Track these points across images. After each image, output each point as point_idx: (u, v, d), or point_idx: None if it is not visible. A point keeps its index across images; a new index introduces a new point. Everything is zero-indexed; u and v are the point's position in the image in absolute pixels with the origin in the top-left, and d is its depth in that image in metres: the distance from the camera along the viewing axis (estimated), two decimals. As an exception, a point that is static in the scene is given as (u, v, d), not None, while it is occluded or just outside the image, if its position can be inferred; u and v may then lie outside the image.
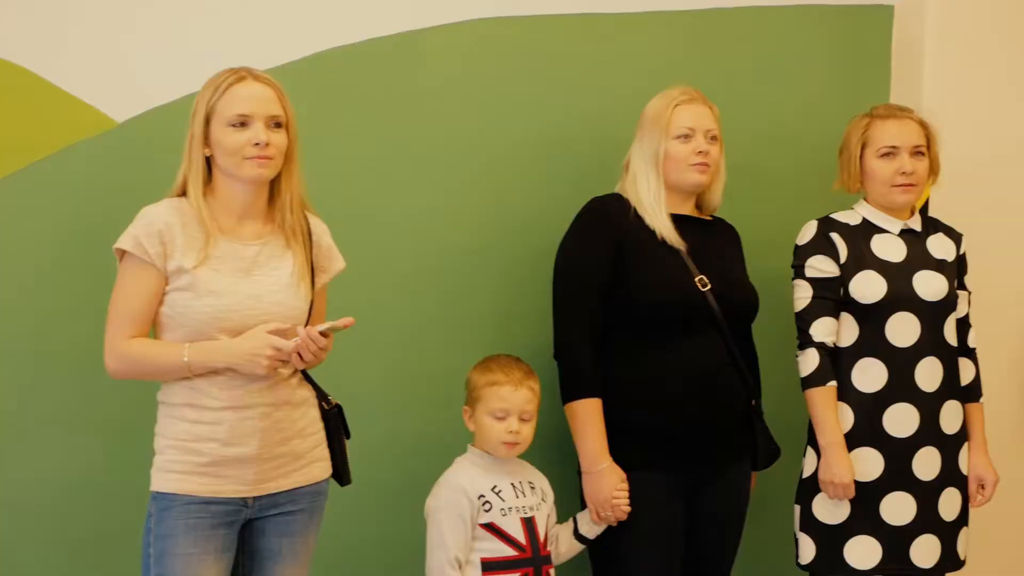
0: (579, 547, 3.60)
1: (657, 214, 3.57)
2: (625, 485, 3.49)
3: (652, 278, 3.53)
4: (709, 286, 3.57)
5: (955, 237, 3.82)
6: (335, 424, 3.19)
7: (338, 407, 3.20)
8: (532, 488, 3.53)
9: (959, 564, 3.76)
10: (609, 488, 3.48)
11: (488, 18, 3.77)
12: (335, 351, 3.09)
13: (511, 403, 3.45)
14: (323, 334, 2.97)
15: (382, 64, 3.66)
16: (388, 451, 3.70)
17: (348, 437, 3.23)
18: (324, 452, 3.17)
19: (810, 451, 3.74)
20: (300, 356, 2.98)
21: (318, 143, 3.55)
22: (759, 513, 3.90)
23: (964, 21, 4.23)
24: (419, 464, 3.68)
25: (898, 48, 4.26)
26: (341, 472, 3.22)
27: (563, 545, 3.59)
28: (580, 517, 3.59)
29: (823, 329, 3.66)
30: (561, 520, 3.62)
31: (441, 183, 3.74)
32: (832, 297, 3.67)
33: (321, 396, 3.18)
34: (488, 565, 3.42)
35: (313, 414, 3.15)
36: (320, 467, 3.16)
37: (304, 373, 3.14)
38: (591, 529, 3.57)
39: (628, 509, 3.50)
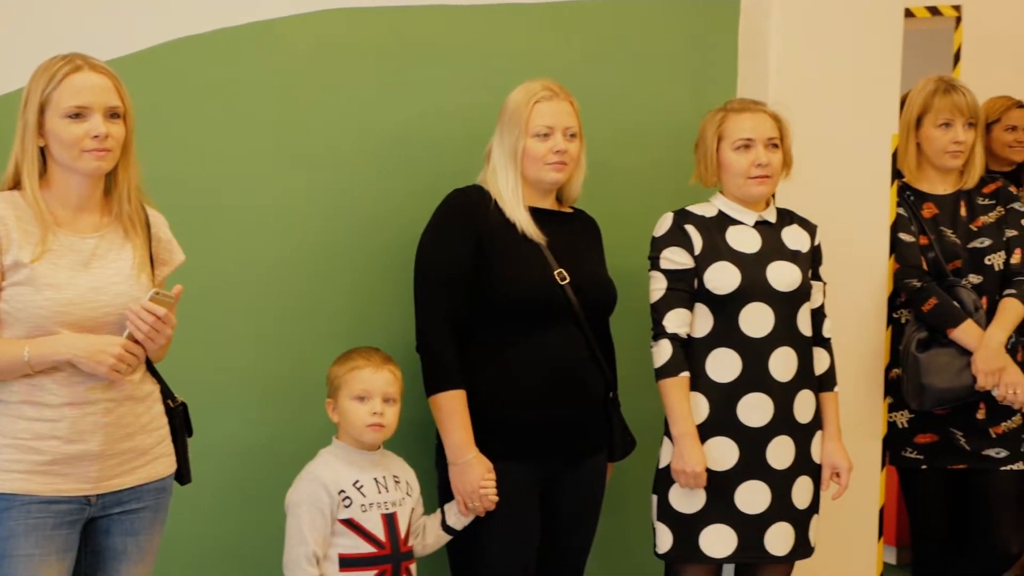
0: (446, 538, 3.60)
1: (516, 208, 3.58)
2: (492, 475, 3.51)
3: (511, 271, 3.55)
4: (568, 279, 3.58)
5: (810, 228, 3.88)
6: (179, 423, 3.14)
7: (183, 405, 3.16)
8: (397, 482, 3.51)
9: (810, 551, 3.83)
10: (476, 478, 3.49)
11: (342, 8, 3.74)
12: (191, 347, 3.05)
13: (373, 384, 3.44)
14: (155, 303, 2.90)
15: (233, 54, 3.61)
16: (245, 447, 3.66)
17: (191, 435, 3.19)
18: (169, 448, 3.13)
19: (666, 442, 3.78)
20: (142, 340, 2.92)
21: (168, 135, 3.50)
22: (616, 504, 3.93)
23: (808, 14, 4.29)
24: (277, 460, 3.64)
25: (744, 42, 4.31)
26: (182, 471, 3.17)
27: (430, 537, 3.59)
28: (448, 508, 3.59)
29: (676, 320, 3.70)
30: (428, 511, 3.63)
31: (297, 176, 3.70)
32: (686, 289, 3.72)
33: (167, 393, 3.13)
34: (346, 561, 3.41)
35: (158, 408, 3.10)
36: (165, 463, 3.12)
37: (150, 367, 3.09)
38: (458, 520, 3.57)
39: (496, 499, 3.51)
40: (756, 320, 3.70)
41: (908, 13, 4.77)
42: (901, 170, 4.47)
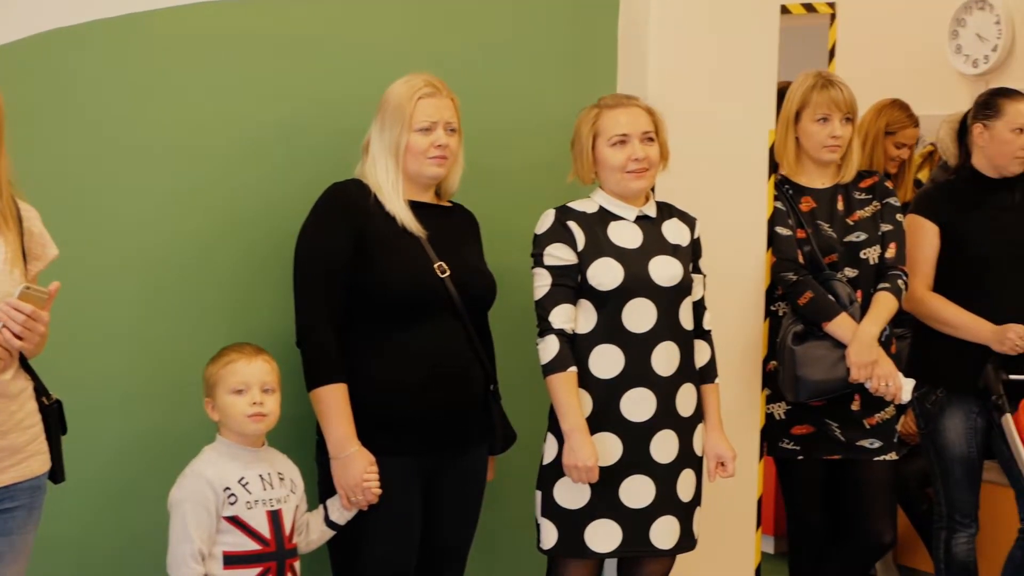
0: (330, 533, 3.58)
1: (396, 201, 3.58)
2: (375, 468, 3.50)
3: (392, 264, 3.54)
4: (448, 272, 3.58)
5: (689, 222, 3.91)
6: (53, 421, 3.08)
7: (58, 402, 3.10)
8: (281, 479, 3.48)
9: (694, 543, 3.86)
10: (359, 472, 3.48)
11: (220, 1, 3.69)
12: (67, 343, 2.99)
13: (249, 375, 3.41)
14: (25, 299, 2.83)
15: (107, 47, 3.54)
16: (125, 446, 3.59)
17: (64, 432, 3.13)
18: (43, 445, 3.07)
19: (550, 437, 3.79)
20: (17, 336, 2.86)
21: (41, 129, 3.42)
22: (497, 498, 3.94)
23: (687, 10, 4.33)
24: (159, 458, 3.58)
25: (624, 37, 4.33)
26: (56, 470, 3.11)
27: (314, 532, 3.57)
28: (330, 503, 3.56)
29: (562, 316, 3.71)
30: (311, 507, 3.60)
31: (174, 170, 3.64)
32: (570, 284, 3.72)
33: (40, 391, 3.07)
34: (230, 559, 3.37)
35: (31, 406, 3.03)
36: (39, 461, 3.05)
37: (24, 364, 3.02)
38: (341, 515, 3.55)
39: (379, 492, 3.50)
40: (639, 315, 3.72)
41: (784, 9, 4.84)
42: (779, 164, 4.53)
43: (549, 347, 3.69)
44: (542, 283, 3.74)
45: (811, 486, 4.53)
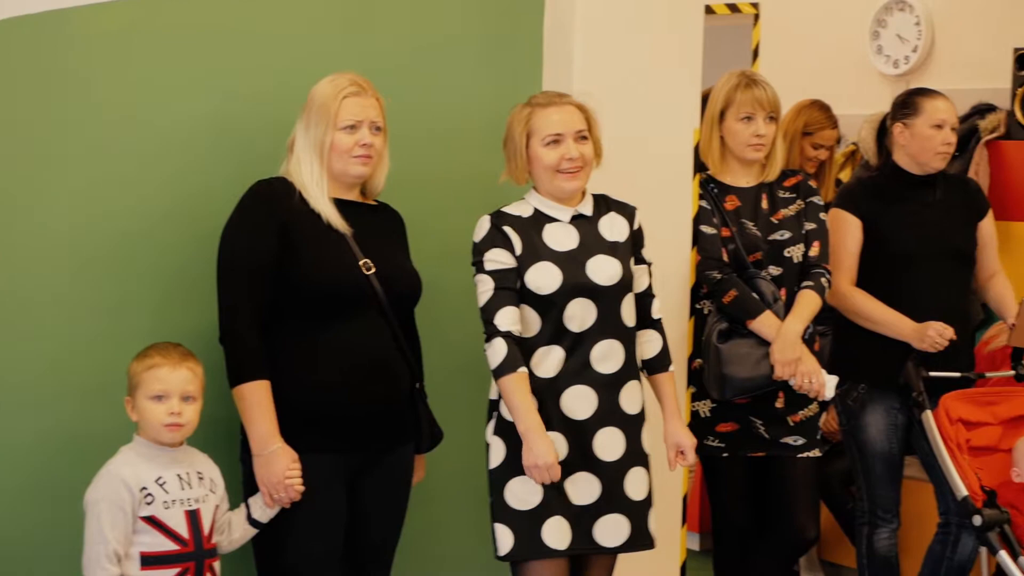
0: (253, 531, 3.56)
1: (321, 199, 3.57)
2: (297, 465, 3.48)
3: (317, 262, 3.53)
4: (373, 270, 3.57)
5: (628, 213, 3.89)
6: None
7: None
8: (200, 479, 3.46)
9: (650, 542, 3.84)
10: (281, 469, 3.46)
11: (139, -5, 3.66)
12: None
13: (170, 384, 3.37)
14: None
15: (26, 44, 3.49)
16: (41, 445, 3.54)
17: None
18: None
19: (496, 441, 3.77)
20: None
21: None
22: (424, 497, 3.93)
23: (611, 10, 4.34)
24: (76, 458, 3.53)
25: (549, 36, 4.33)
26: None
27: (236, 531, 3.54)
28: (252, 502, 3.54)
29: (508, 318, 3.68)
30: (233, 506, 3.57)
31: (98, 167, 3.60)
32: (512, 287, 3.71)
33: None
34: (148, 559, 3.34)
35: None
36: None
37: None
38: (264, 513, 3.53)
39: (302, 489, 3.48)
40: (579, 316, 3.71)
41: (708, 10, 4.87)
42: (705, 163, 4.56)
43: (497, 350, 3.67)
44: (485, 288, 3.72)
45: (736, 483, 4.56)
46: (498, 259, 3.71)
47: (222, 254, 3.54)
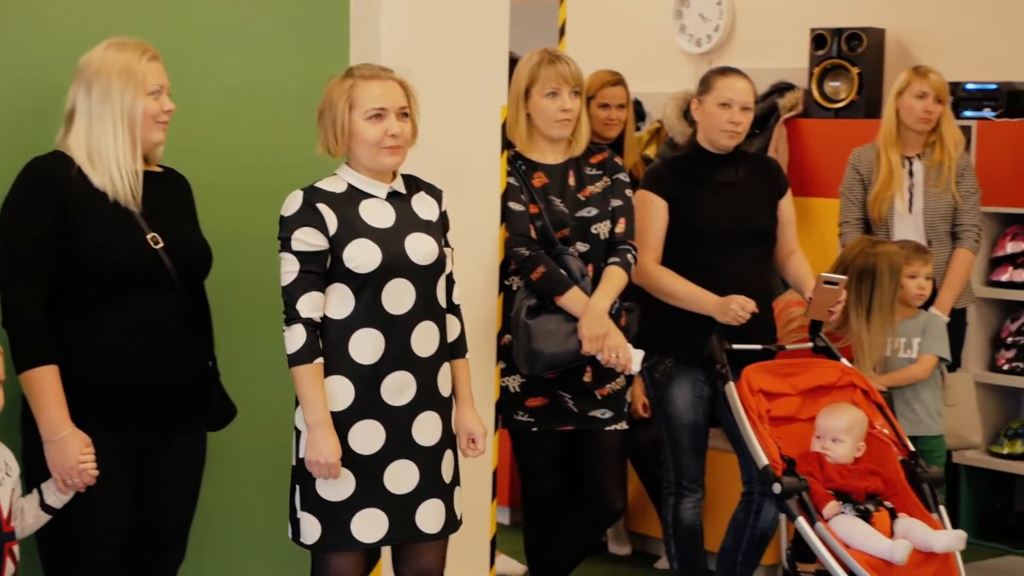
0: (46, 518, 3.47)
1: (114, 170, 3.47)
2: (90, 450, 3.41)
3: (102, 238, 3.45)
4: (162, 244, 3.50)
5: (436, 195, 3.84)
6: None
7: None
8: (-5, 463, 3.37)
9: (457, 525, 3.82)
10: (74, 454, 3.39)
11: None
12: None
13: None
14: None
15: None
16: None
17: None
18: None
19: (304, 431, 3.72)
20: None
21: None
22: (218, 476, 3.87)
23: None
24: None
25: (356, 10, 4.30)
26: None
27: (29, 517, 3.46)
28: (45, 487, 3.46)
29: (310, 304, 3.60)
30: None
31: None
32: (318, 271, 3.61)
33: None
34: (-56, 543, 3.24)
35: None
36: None
37: None
38: (58, 499, 3.45)
39: (96, 474, 3.41)
40: (397, 296, 3.64)
41: (515, -13, 4.88)
42: (512, 141, 4.58)
43: (295, 337, 3.58)
44: (289, 269, 3.61)
45: (545, 457, 4.61)
46: (307, 239, 3.60)
47: (1, 235, 3.43)
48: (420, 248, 3.68)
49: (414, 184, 3.81)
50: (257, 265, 3.96)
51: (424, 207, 3.78)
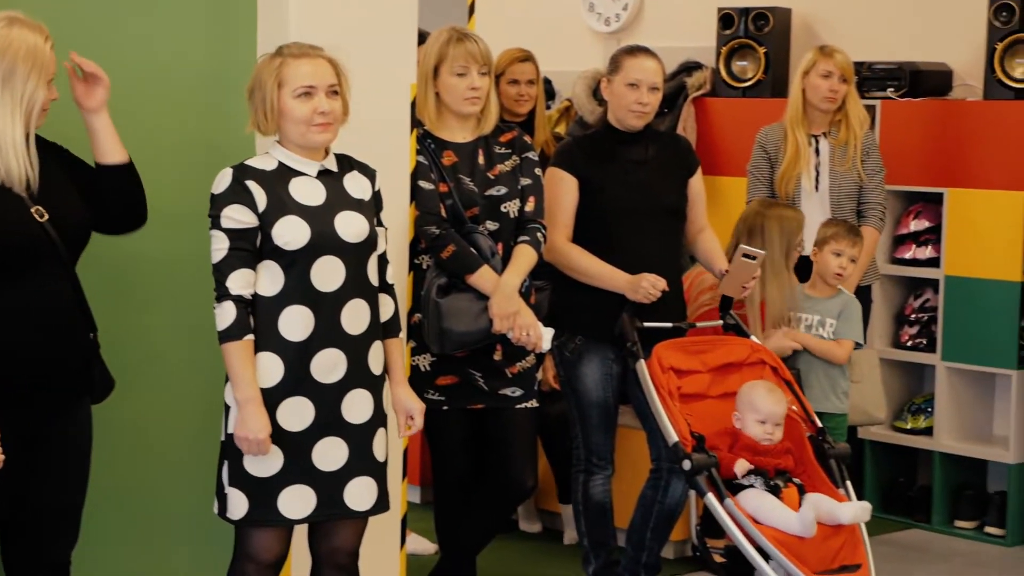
0: None
1: (11, 158, 3.39)
2: None
3: None
4: (47, 217, 3.44)
5: (369, 174, 3.83)
6: None
7: None
8: None
9: (388, 505, 3.80)
10: None
11: None
12: None
13: None
14: None
15: None
16: None
17: None
18: None
19: (233, 407, 3.68)
20: None
21: None
22: (140, 454, 3.83)
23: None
24: None
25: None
26: None
27: None
28: None
29: (240, 281, 3.58)
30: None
31: None
32: (249, 248, 3.60)
33: None
34: None
35: None
36: None
37: None
38: None
39: (2, 457, 3.33)
40: (327, 274, 3.63)
41: (425, -35, 4.85)
42: (421, 119, 4.56)
43: (226, 314, 3.57)
44: (219, 247, 3.59)
45: (456, 436, 4.61)
46: (237, 217, 3.59)
47: None
48: (350, 226, 3.67)
49: (347, 163, 3.81)
50: (181, 246, 3.92)
51: (356, 186, 3.77)
